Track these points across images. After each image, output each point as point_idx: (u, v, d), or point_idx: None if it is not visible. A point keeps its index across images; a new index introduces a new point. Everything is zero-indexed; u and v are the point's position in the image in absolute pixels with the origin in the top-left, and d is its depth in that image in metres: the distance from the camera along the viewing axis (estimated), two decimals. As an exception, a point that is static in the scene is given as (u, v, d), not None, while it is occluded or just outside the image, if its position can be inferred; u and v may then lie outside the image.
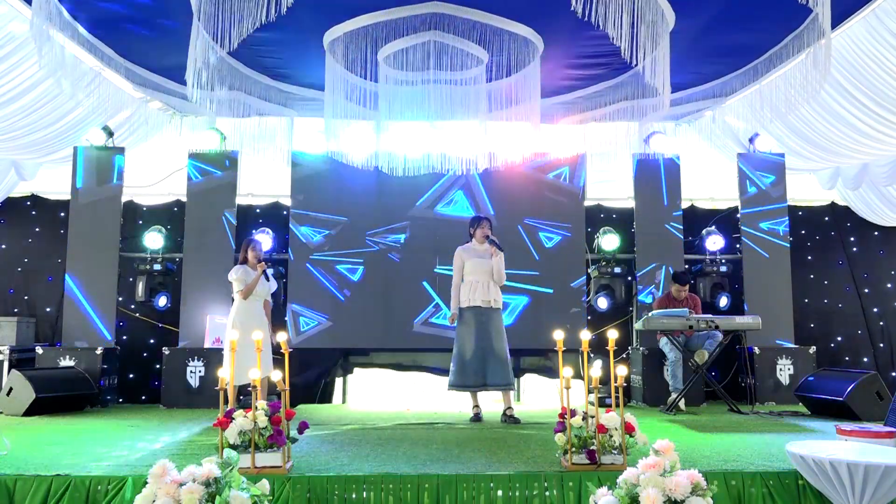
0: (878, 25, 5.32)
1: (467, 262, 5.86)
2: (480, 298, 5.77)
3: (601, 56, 6.09)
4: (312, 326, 7.45)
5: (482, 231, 5.92)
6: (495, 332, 5.77)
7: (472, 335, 5.75)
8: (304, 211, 7.60)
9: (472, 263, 5.83)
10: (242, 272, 5.79)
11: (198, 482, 2.90)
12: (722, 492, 3.38)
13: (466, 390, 5.84)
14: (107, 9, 5.33)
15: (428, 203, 7.65)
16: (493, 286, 5.82)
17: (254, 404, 3.54)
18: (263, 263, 5.84)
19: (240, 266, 5.85)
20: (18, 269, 7.95)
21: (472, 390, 5.81)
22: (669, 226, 7.60)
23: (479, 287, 5.79)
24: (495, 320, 5.81)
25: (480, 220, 5.99)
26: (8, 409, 6.01)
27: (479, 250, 5.90)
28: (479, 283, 5.79)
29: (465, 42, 5.57)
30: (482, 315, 5.77)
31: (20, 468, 3.60)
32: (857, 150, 6.90)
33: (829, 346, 8.02)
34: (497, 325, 5.81)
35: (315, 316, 7.46)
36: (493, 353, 5.72)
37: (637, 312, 7.60)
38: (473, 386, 5.76)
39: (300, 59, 6.27)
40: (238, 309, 5.74)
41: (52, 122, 6.76)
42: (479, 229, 5.93)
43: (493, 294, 5.81)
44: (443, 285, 7.38)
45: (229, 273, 5.86)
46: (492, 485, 3.45)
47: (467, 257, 5.88)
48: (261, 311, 5.84)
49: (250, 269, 5.82)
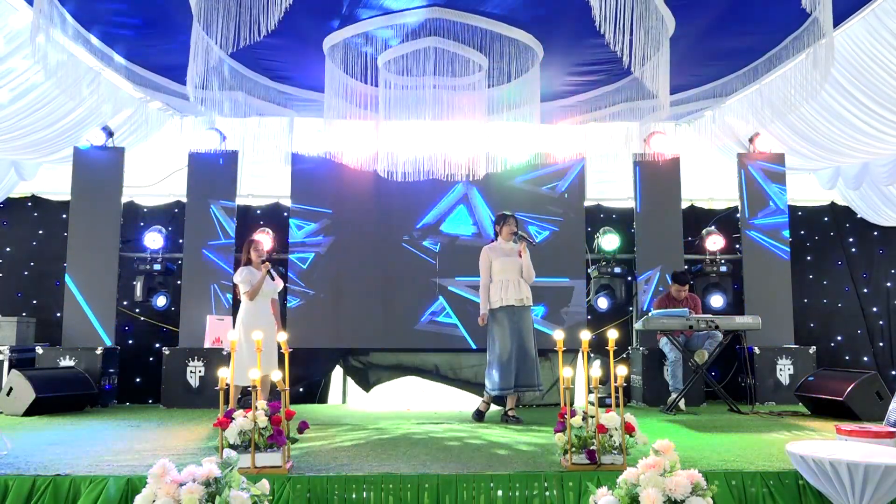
0: (878, 25, 5.33)
1: (495, 261, 5.77)
2: (514, 297, 5.67)
3: (600, 63, 6.10)
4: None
5: (509, 228, 5.84)
6: (527, 332, 5.69)
7: (507, 336, 5.64)
8: (304, 210, 7.59)
9: (501, 262, 5.75)
10: (247, 273, 5.80)
11: (198, 482, 2.90)
12: (722, 492, 3.38)
13: (507, 393, 5.69)
14: (107, 9, 5.33)
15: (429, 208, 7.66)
16: (523, 284, 5.74)
17: (254, 404, 3.55)
18: (267, 263, 5.86)
19: (244, 267, 5.85)
20: (25, 272, 7.95)
21: (511, 393, 5.68)
22: (669, 226, 7.60)
23: (510, 286, 5.69)
24: (527, 319, 5.73)
25: (506, 218, 5.89)
26: (8, 409, 6.01)
27: (506, 249, 5.82)
28: (511, 282, 5.70)
29: (465, 48, 5.58)
30: (515, 314, 5.68)
31: (20, 468, 3.61)
32: (858, 149, 6.90)
33: (829, 345, 8.03)
34: (529, 325, 5.73)
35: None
36: (526, 353, 5.63)
37: (637, 312, 7.60)
38: (513, 388, 5.60)
39: (300, 62, 6.27)
40: (246, 310, 5.76)
41: (53, 122, 6.77)
42: (506, 226, 5.85)
43: (524, 292, 5.73)
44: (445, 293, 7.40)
45: (234, 275, 5.86)
46: (492, 485, 3.45)
47: (495, 256, 5.79)
48: (268, 310, 5.85)
49: (255, 270, 5.83)
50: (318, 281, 7.50)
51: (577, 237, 7.69)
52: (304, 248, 7.55)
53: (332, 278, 7.51)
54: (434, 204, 7.65)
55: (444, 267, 7.53)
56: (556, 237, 7.64)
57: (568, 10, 4.98)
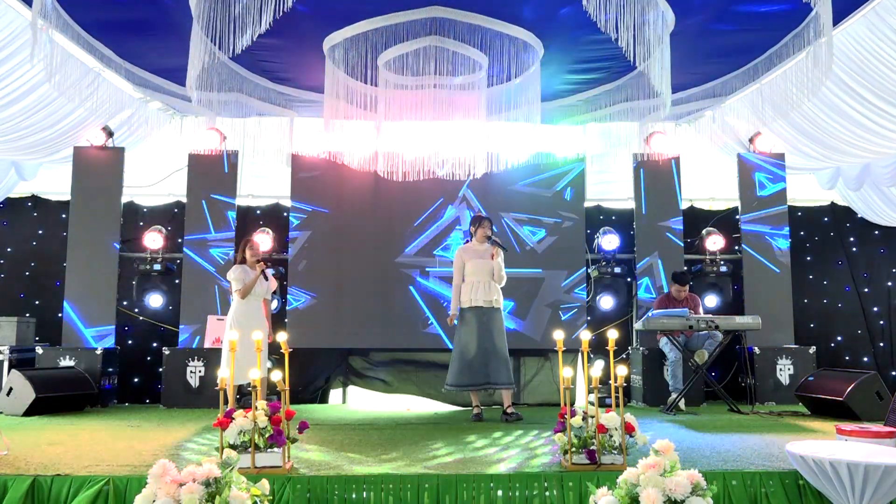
0: (879, 22, 5.35)
1: (468, 262, 5.88)
2: (482, 298, 5.78)
3: (600, 61, 6.10)
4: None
5: (483, 231, 5.93)
6: (497, 332, 5.79)
7: (474, 335, 5.76)
8: (304, 211, 7.59)
9: (473, 264, 5.85)
10: (241, 272, 5.80)
11: (198, 482, 2.90)
12: (722, 492, 3.38)
13: (465, 390, 5.86)
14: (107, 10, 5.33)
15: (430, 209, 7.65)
16: (493, 286, 5.85)
17: (254, 404, 3.55)
18: (262, 263, 5.85)
19: (238, 266, 5.86)
20: (26, 272, 7.95)
21: (473, 389, 5.82)
22: (669, 226, 7.61)
23: (480, 287, 5.80)
24: (496, 320, 5.83)
25: (481, 220, 6.00)
26: (8, 409, 6.01)
27: (479, 250, 5.91)
28: (481, 283, 5.81)
29: (465, 46, 5.58)
30: (484, 315, 5.78)
31: (20, 468, 3.61)
32: (861, 147, 6.89)
33: (829, 345, 8.03)
34: (498, 325, 5.83)
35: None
36: (495, 352, 5.73)
37: (637, 312, 7.60)
38: (473, 385, 5.76)
39: (300, 64, 6.27)
40: (237, 309, 5.76)
41: (53, 123, 6.77)
42: (480, 229, 5.94)
43: (494, 294, 5.83)
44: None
45: (228, 273, 5.87)
46: (492, 485, 3.45)
47: (468, 258, 5.90)
48: (260, 310, 5.85)
49: (249, 269, 5.83)
50: (318, 281, 7.50)
51: (578, 237, 7.69)
52: (303, 248, 7.54)
53: (332, 278, 7.51)
54: (434, 204, 7.65)
55: (443, 265, 7.52)
56: (557, 237, 7.64)
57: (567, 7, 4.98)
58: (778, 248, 7.56)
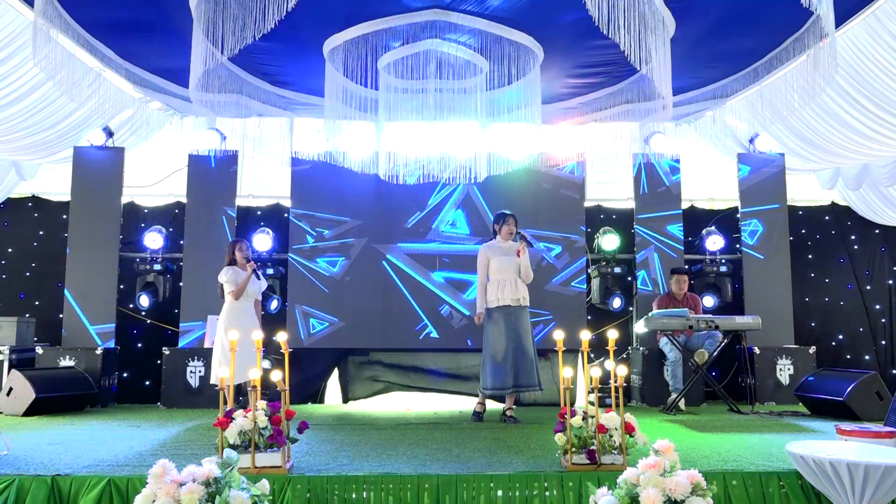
0: (879, 27, 5.32)
1: (493, 260, 5.75)
2: (510, 297, 5.65)
3: (601, 65, 6.09)
4: (324, 328, 7.43)
5: (508, 228, 5.81)
6: (524, 332, 5.66)
7: (503, 335, 5.62)
8: (305, 211, 7.59)
9: (499, 262, 5.72)
10: (232, 273, 5.81)
11: (198, 482, 2.90)
12: (722, 492, 3.38)
13: (501, 393, 5.71)
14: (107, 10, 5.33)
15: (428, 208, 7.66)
16: (520, 284, 5.72)
17: (253, 404, 3.55)
18: (252, 263, 5.86)
19: (229, 267, 5.86)
20: (26, 272, 7.95)
21: (508, 393, 5.69)
22: (669, 226, 7.61)
23: (507, 285, 5.67)
24: (524, 319, 5.71)
25: (506, 217, 5.86)
26: (8, 409, 6.01)
27: (504, 248, 5.79)
28: (508, 282, 5.68)
29: (465, 50, 5.57)
30: (511, 314, 5.66)
31: (20, 468, 3.61)
32: (858, 152, 6.90)
33: (830, 344, 8.03)
34: (525, 325, 5.71)
35: (325, 317, 7.44)
36: (523, 353, 5.61)
37: (637, 312, 7.60)
38: (506, 388, 5.61)
39: (300, 67, 6.26)
40: (229, 309, 5.77)
41: (54, 123, 6.77)
42: (505, 226, 5.82)
43: (521, 292, 5.71)
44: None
45: (219, 275, 5.87)
46: (492, 485, 3.46)
47: (493, 255, 5.77)
48: (252, 310, 5.87)
49: (239, 270, 5.84)
50: (317, 281, 7.50)
51: (577, 237, 7.69)
52: (303, 248, 7.54)
53: (332, 278, 7.51)
54: (434, 205, 7.65)
55: (444, 266, 7.52)
56: (557, 237, 7.63)
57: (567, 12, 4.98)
58: (778, 247, 7.53)
